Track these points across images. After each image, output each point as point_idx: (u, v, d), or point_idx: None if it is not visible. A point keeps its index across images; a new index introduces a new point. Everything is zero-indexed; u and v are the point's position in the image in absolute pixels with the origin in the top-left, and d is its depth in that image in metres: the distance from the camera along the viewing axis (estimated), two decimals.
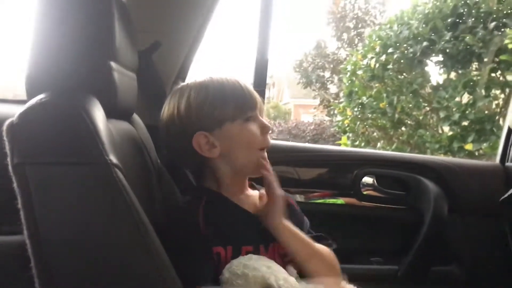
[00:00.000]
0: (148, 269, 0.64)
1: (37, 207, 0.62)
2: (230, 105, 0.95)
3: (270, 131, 0.98)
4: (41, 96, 0.68)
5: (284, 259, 0.98)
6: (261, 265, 0.82)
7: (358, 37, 14.14)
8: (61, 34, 0.76)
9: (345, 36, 14.46)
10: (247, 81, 1.01)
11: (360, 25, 14.36)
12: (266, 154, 1.00)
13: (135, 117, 1.12)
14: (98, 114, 0.70)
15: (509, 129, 1.75)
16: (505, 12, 4.12)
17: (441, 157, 1.94)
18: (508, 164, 1.70)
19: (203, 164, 1.01)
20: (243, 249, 0.92)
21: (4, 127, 0.64)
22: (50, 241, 0.62)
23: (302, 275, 0.99)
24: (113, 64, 0.81)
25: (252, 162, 0.98)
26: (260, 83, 1.58)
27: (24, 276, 0.62)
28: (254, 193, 1.06)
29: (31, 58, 0.76)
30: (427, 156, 1.80)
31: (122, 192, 0.63)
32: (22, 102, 1.07)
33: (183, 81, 1.48)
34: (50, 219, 0.62)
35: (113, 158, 0.65)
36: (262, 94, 1.34)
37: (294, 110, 18.93)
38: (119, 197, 0.63)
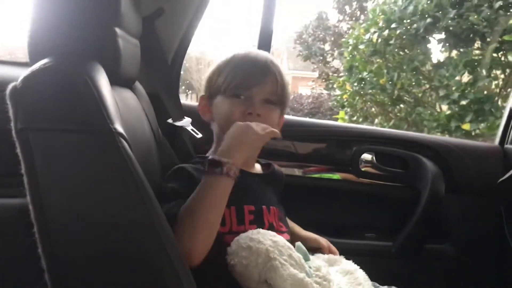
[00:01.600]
0: (149, 237, 0.64)
1: (40, 173, 0.61)
2: (226, 79, 1.01)
3: (252, 114, 0.99)
4: (45, 60, 0.66)
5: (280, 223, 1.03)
6: (267, 239, 0.83)
7: (360, 10, 13.94)
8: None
9: (347, 8, 14.25)
10: (265, 60, 1.03)
11: None
12: None
13: (137, 85, 1.11)
14: (103, 81, 0.69)
15: (510, 111, 1.75)
16: None
17: (441, 137, 1.94)
18: (507, 146, 1.70)
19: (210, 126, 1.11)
20: (245, 208, 0.97)
21: (7, 91, 0.63)
22: (52, 207, 0.61)
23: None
24: (118, 30, 0.79)
25: None
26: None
27: (27, 240, 0.62)
28: (257, 165, 1.12)
29: (33, 22, 0.74)
30: (427, 135, 1.80)
31: (126, 161, 0.63)
32: (23, 64, 1.05)
33: (185, 49, 1.45)
34: (53, 185, 0.62)
35: (118, 127, 0.64)
36: None
37: (292, 82, 18.81)
38: (123, 166, 0.63)
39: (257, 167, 1.11)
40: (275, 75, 1.02)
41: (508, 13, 3.91)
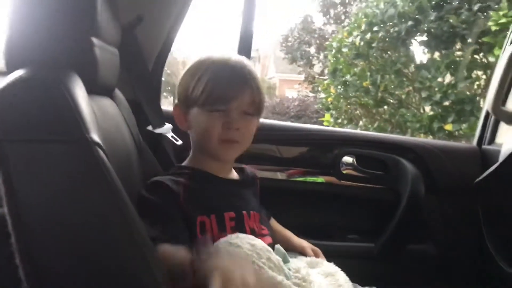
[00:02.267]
0: (128, 246, 0.65)
1: (17, 184, 0.62)
2: (204, 92, 0.95)
3: (234, 127, 0.97)
4: (21, 71, 0.67)
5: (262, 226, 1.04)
6: (246, 242, 0.84)
7: (345, 13, 14.06)
8: (41, 7, 0.75)
9: (331, 12, 14.37)
10: (243, 70, 0.98)
11: (346, 1, 14.26)
12: (233, 144, 1.00)
13: (117, 92, 1.11)
14: (79, 90, 0.69)
15: (487, 112, 1.79)
16: None
17: (420, 139, 1.97)
18: (484, 146, 1.74)
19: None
20: (226, 215, 0.96)
21: None
22: (30, 218, 0.62)
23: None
24: (94, 40, 0.80)
25: (211, 150, 1.00)
26: (245, 56, 1.58)
27: (5, 250, 0.62)
28: (233, 171, 1.11)
29: (10, 31, 0.74)
30: (406, 137, 1.83)
31: (103, 171, 0.64)
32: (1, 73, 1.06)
33: (166, 56, 1.46)
34: (30, 196, 0.62)
35: (94, 136, 0.65)
36: None
37: (279, 85, 18.89)
38: (99, 176, 0.63)
39: (233, 173, 1.11)
40: (253, 86, 0.98)
41: (486, 15, 3.98)
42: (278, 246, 0.99)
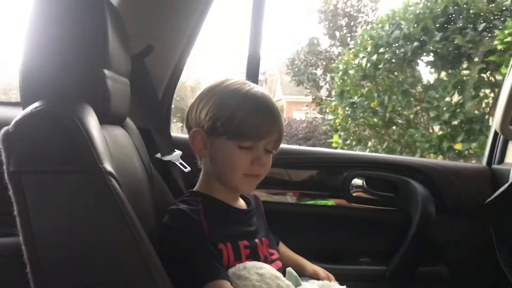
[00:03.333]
0: (142, 276, 0.66)
1: (33, 214, 0.63)
2: (235, 126, 0.95)
3: (261, 164, 0.98)
4: (36, 104, 0.69)
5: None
6: (253, 273, 0.84)
7: (350, 35, 14.18)
8: (54, 42, 0.77)
9: (337, 34, 14.49)
10: (275, 109, 0.99)
11: (352, 23, 14.40)
12: (256, 178, 1.02)
13: (128, 121, 1.13)
14: (92, 121, 0.71)
15: (495, 132, 1.78)
16: (494, 13, 4.16)
17: (429, 160, 1.97)
18: (494, 166, 1.74)
19: (202, 165, 1.06)
20: (240, 244, 0.97)
21: (0, 135, 0.65)
22: (45, 248, 0.63)
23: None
24: (106, 71, 0.82)
25: (233, 182, 1.01)
26: (253, 79, 1.59)
27: (22, 280, 0.63)
28: (240, 199, 1.11)
29: (24, 64, 0.77)
30: (415, 159, 1.83)
31: (116, 200, 0.65)
32: (16, 104, 1.08)
33: (176, 83, 1.49)
34: (46, 226, 0.64)
35: (107, 166, 0.66)
36: None
37: (287, 107, 18.95)
38: (113, 205, 0.65)
39: (240, 200, 1.11)
40: (280, 124, 1.00)
41: (491, 35, 3.99)
42: (289, 269, 0.99)
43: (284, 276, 0.94)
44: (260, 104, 0.97)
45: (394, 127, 5.17)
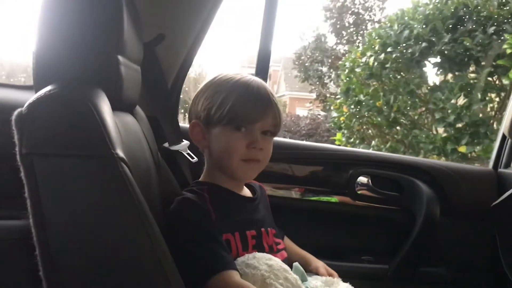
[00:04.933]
0: (150, 261, 0.65)
1: (44, 197, 0.63)
2: (230, 112, 0.96)
3: (257, 147, 0.98)
4: (50, 87, 0.68)
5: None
6: (263, 263, 0.84)
7: (357, 34, 14.13)
8: (70, 26, 0.77)
9: (343, 32, 14.45)
10: (267, 92, 1.00)
11: (359, 22, 14.35)
12: (254, 164, 1.01)
13: (138, 109, 1.13)
14: (105, 107, 0.71)
15: (503, 135, 1.78)
16: (505, 17, 4.14)
17: (435, 160, 1.96)
18: (500, 170, 1.73)
19: (204, 155, 1.07)
20: (248, 234, 0.98)
21: (13, 117, 0.65)
22: (55, 231, 0.63)
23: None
24: (120, 58, 0.82)
25: (231, 169, 1.01)
26: (262, 75, 1.59)
27: (29, 263, 0.63)
28: (245, 188, 1.12)
29: (38, 49, 0.76)
30: (422, 159, 1.83)
31: (127, 186, 0.65)
32: (27, 88, 1.08)
33: (186, 73, 1.48)
34: (56, 209, 0.64)
35: (119, 152, 0.66)
36: None
37: (290, 103, 18.94)
38: (124, 191, 0.65)
39: (245, 189, 1.11)
40: (275, 107, 1.00)
41: (501, 39, 3.98)
42: (296, 264, 0.99)
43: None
44: (250, 88, 0.99)
45: (398, 127, 5.16)
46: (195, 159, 1.36)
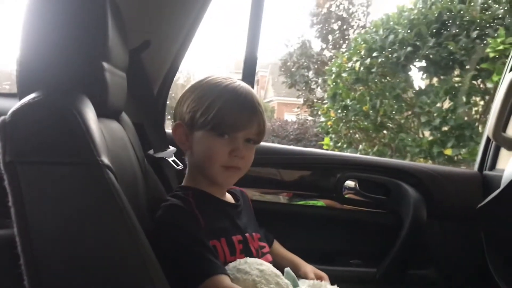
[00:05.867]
0: (137, 268, 0.65)
1: (28, 206, 0.62)
2: (215, 118, 0.95)
3: (239, 155, 0.98)
4: (34, 94, 0.68)
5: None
6: (254, 268, 0.84)
7: (342, 39, 14.24)
8: (54, 32, 0.76)
9: (329, 37, 14.55)
10: (253, 100, 0.99)
11: (344, 27, 14.46)
12: (234, 172, 1.01)
13: (124, 115, 1.13)
14: (90, 114, 0.70)
15: (487, 138, 1.80)
16: (487, 22, 4.20)
17: (421, 164, 1.98)
18: (486, 172, 1.75)
19: (184, 152, 1.07)
20: (234, 239, 0.97)
21: None
22: (40, 240, 0.62)
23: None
24: (105, 64, 0.81)
25: (211, 174, 1.01)
26: (249, 80, 1.59)
27: (13, 272, 0.62)
28: (227, 194, 1.12)
29: (22, 55, 0.76)
30: (408, 162, 1.85)
31: (113, 193, 0.64)
32: (11, 95, 1.07)
33: (172, 80, 1.48)
34: (41, 217, 0.63)
35: (104, 159, 0.66)
36: None
37: (278, 108, 19.00)
38: (110, 198, 0.64)
39: (227, 195, 1.11)
40: (260, 116, 1.00)
41: (484, 42, 4.03)
42: (287, 269, 0.99)
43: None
44: (238, 96, 0.98)
45: (385, 131, 5.20)
46: (181, 166, 1.35)
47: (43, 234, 0.62)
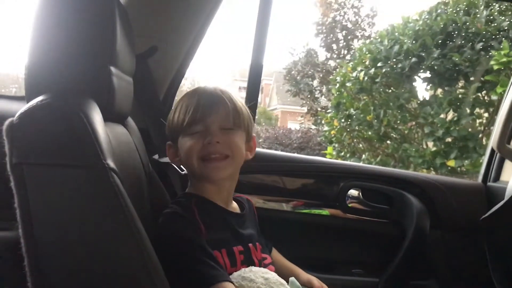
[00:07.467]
0: (140, 272, 0.65)
1: (33, 207, 0.62)
2: (179, 118, 1.01)
3: (214, 142, 0.99)
4: (42, 97, 0.68)
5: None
6: (259, 276, 0.84)
7: (347, 48, 14.27)
8: (62, 37, 0.77)
9: (334, 46, 14.58)
10: (213, 90, 1.04)
11: (349, 37, 14.50)
12: (215, 162, 1.01)
13: (130, 120, 1.13)
14: (97, 117, 0.71)
15: (492, 149, 1.80)
16: (492, 34, 4.21)
17: (425, 174, 1.98)
18: (490, 184, 1.75)
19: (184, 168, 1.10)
20: (235, 249, 0.97)
21: (4, 127, 0.65)
22: (44, 241, 0.62)
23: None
24: (112, 69, 0.82)
25: (197, 170, 1.01)
26: (254, 88, 1.59)
27: (16, 273, 0.62)
28: (233, 202, 1.12)
29: (31, 59, 0.76)
30: (412, 172, 1.84)
31: (118, 196, 0.65)
32: (18, 98, 1.08)
33: (178, 86, 1.49)
34: (46, 219, 0.63)
35: (110, 162, 0.66)
36: (254, 105, 1.36)
37: (281, 116, 19.02)
38: (114, 201, 0.64)
39: (234, 204, 1.11)
40: (225, 102, 1.02)
41: (489, 54, 4.03)
42: (292, 278, 0.99)
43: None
44: (194, 92, 1.04)
45: (388, 141, 5.19)
46: (185, 171, 1.35)
47: (47, 235, 0.63)
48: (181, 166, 1.10)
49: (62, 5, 0.78)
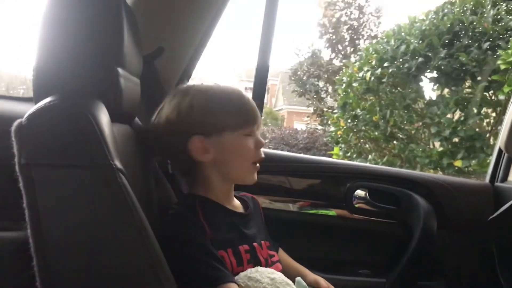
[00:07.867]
0: (147, 272, 0.65)
1: (42, 208, 0.63)
2: (233, 116, 0.98)
3: (262, 147, 1.02)
4: (49, 98, 0.69)
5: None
6: (265, 277, 0.84)
7: (353, 48, 14.23)
8: (70, 38, 0.77)
9: (339, 46, 14.54)
10: (248, 96, 1.05)
11: (355, 36, 14.46)
12: (258, 166, 1.05)
13: (137, 121, 1.14)
14: (104, 118, 0.71)
15: (499, 149, 1.79)
16: (499, 34, 4.18)
17: (432, 174, 1.97)
18: (497, 184, 1.74)
19: (194, 168, 1.04)
20: (241, 249, 0.97)
21: (13, 127, 0.65)
22: (53, 242, 0.63)
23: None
24: (120, 70, 0.82)
25: (243, 173, 1.03)
26: (260, 88, 1.60)
27: (25, 274, 0.63)
28: (236, 201, 1.12)
29: (38, 60, 0.77)
30: (419, 172, 1.83)
31: (126, 197, 0.65)
32: (26, 99, 1.08)
33: None
34: (54, 220, 0.64)
35: (117, 163, 0.66)
36: (261, 106, 1.36)
37: (287, 116, 19.01)
38: (122, 201, 0.65)
39: (236, 202, 1.11)
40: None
41: (496, 54, 4.01)
42: (299, 278, 0.99)
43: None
44: (240, 94, 1.04)
45: (395, 142, 5.17)
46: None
47: (56, 235, 0.63)
48: (185, 165, 1.05)
49: (69, 7, 0.78)
